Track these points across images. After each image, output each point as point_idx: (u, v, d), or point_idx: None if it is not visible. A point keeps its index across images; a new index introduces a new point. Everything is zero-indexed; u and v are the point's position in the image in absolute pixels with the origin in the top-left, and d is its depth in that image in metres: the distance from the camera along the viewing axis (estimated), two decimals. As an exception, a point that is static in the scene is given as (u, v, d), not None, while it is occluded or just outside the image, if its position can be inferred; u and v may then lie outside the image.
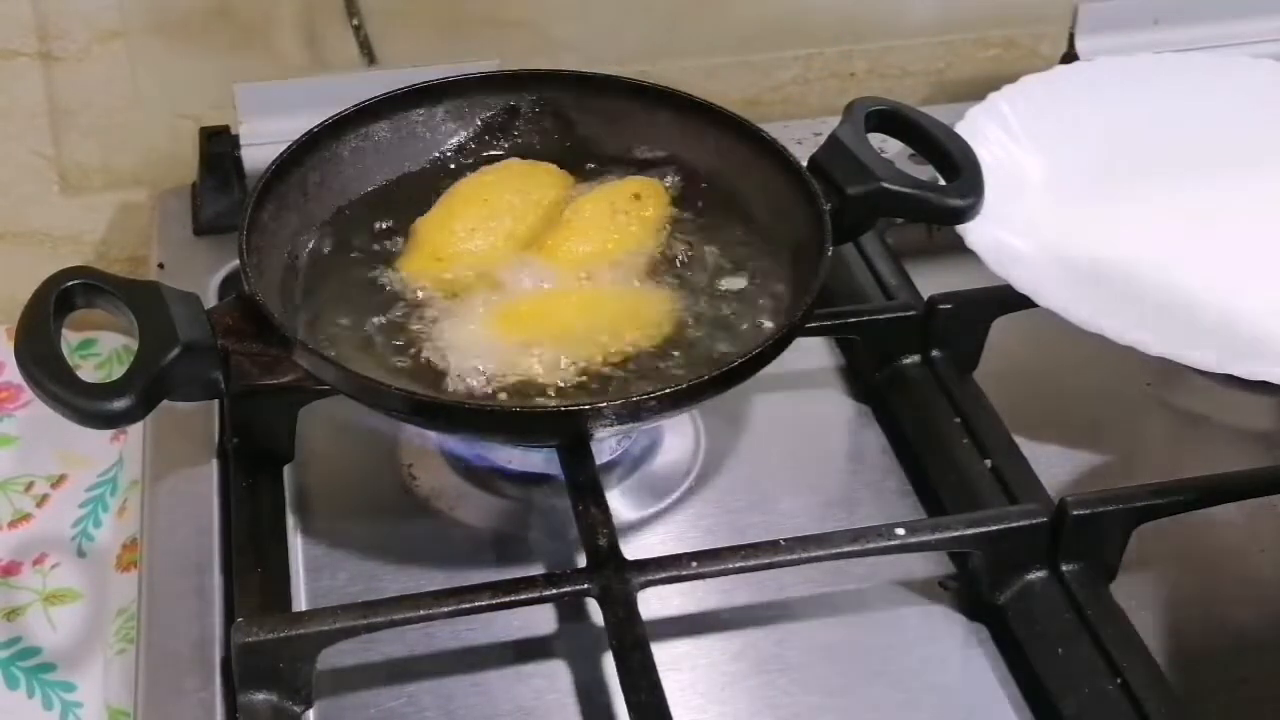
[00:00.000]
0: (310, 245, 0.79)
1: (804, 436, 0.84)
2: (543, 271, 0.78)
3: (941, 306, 0.83)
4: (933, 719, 0.70)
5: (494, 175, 0.83)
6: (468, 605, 0.67)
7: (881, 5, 1.08)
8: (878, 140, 0.82)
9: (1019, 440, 0.79)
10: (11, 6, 0.95)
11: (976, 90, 0.96)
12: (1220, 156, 0.95)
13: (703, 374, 0.70)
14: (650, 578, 0.68)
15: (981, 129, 0.91)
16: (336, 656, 0.67)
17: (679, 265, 0.79)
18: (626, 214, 0.80)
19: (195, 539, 0.74)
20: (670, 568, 0.69)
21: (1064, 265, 0.86)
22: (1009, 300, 0.82)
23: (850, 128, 0.81)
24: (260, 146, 0.92)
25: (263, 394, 0.73)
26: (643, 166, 0.84)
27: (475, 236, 0.79)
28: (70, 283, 0.70)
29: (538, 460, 0.78)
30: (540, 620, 0.72)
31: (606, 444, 0.78)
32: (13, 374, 0.75)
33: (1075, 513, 0.71)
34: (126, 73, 0.97)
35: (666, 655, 0.68)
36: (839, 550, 0.70)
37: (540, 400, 0.71)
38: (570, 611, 0.73)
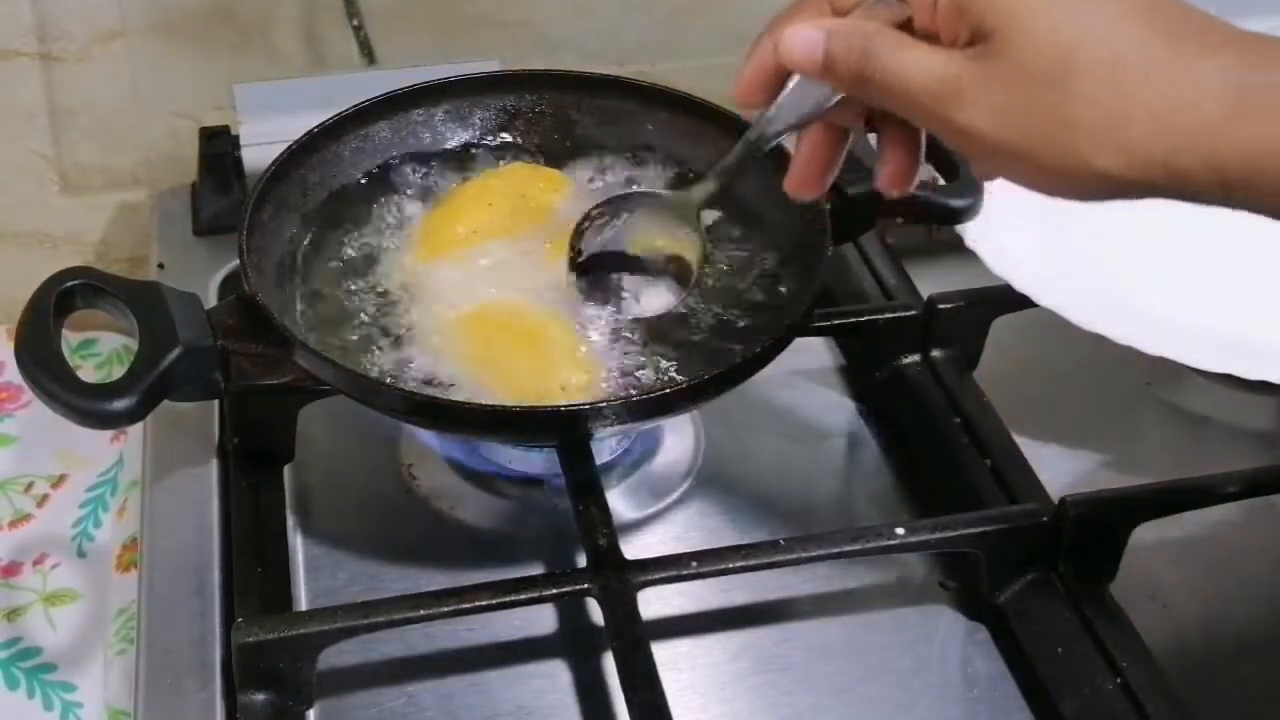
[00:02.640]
0: (310, 244, 0.79)
1: (804, 437, 0.84)
2: (542, 274, 0.78)
3: (941, 306, 0.83)
4: (932, 719, 0.70)
5: (497, 178, 0.83)
6: (468, 605, 0.67)
7: (881, 5, 1.07)
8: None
9: (1019, 440, 0.79)
10: (11, 6, 0.95)
11: (976, 90, 0.95)
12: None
13: (703, 374, 0.70)
14: (650, 578, 0.68)
15: (981, 129, 0.91)
16: (336, 656, 0.67)
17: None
18: None
19: (195, 539, 0.74)
20: (670, 568, 0.69)
21: (1064, 265, 0.86)
22: (1009, 300, 0.83)
23: (850, 128, 0.81)
24: (260, 146, 0.92)
25: (263, 394, 0.73)
26: (641, 166, 0.84)
27: (477, 238, 0.79)
28: (70, 283, 0.70)
29: (538, 460, 0.78)
30: (540, 620, 0.72)
31: (606, 444, 0.78)
32: (13, 374, 0.75)
33: (1075, 513, 0.71)
34: (126, 73, 0.97)
35: (666, 655, 0.68)
36: (839, 550, 0.70)
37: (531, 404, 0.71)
38: (570, 611, 0.73)
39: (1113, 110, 0.51)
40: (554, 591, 0.69)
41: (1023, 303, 0.82)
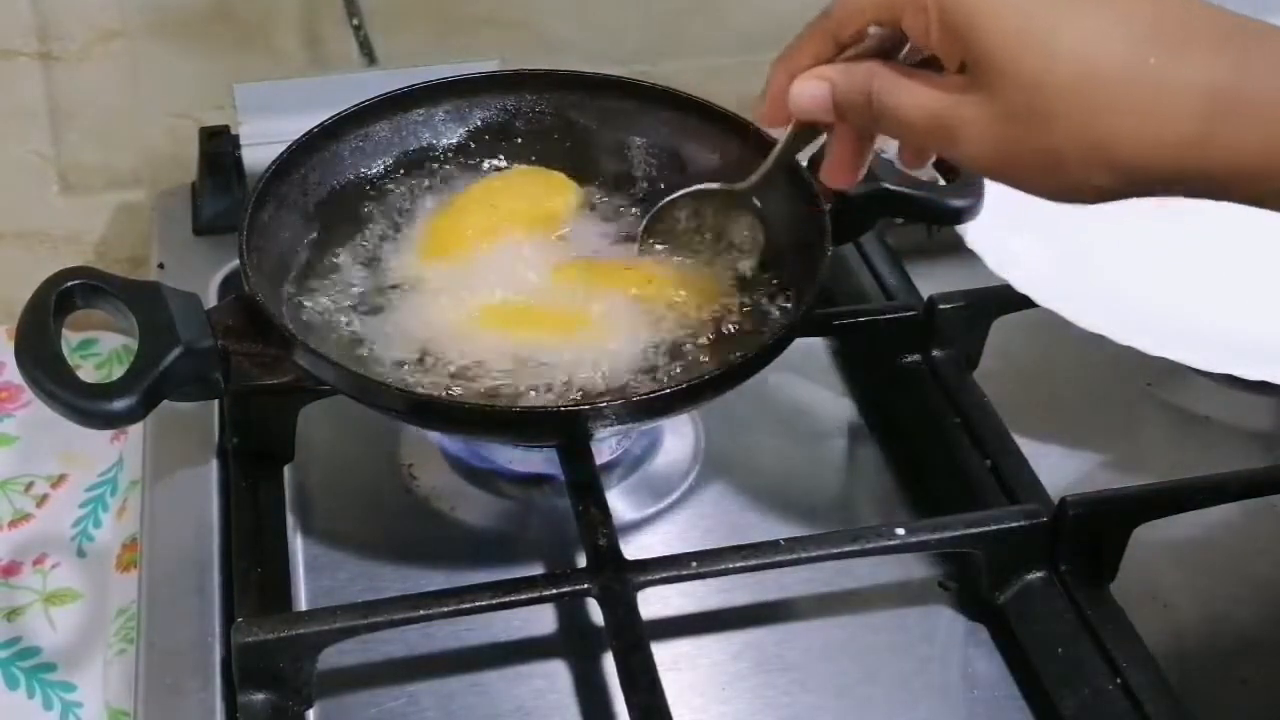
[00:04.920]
0: (311, 244, 0.79)
1: (804, 436, 0.84)
2: (542, 277, 0.78)
3: (941, 306, 0.83)
4: (933, 719, 0.70)
5: (503, 181, 0.83)
6: (468, 605, 0.67)
7: (882, 5, 1.07)
8: (877, 140, 0.82)
9: (1019, 440, 0.79)
10: (11, 6, 0.95)
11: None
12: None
13: (703, 374, 0.70)
14: (650, 578, 0.68)
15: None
16: (336, 656, 0.67)
17: (679, 264, 0.79)
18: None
19: (195, 539, 0.74)
20: (670, 568, 0.69)
21: (1064, 265, 0.86)
22: (1009, 300, 0.83)
23: (850, 128, 0.81)
24: (260, 146, 0.92)
25: (263, 394, 0.73)
26: (642, 166, 0.84)
27: (481, 239, 0.79)
28: (70, 283, 0.70)
29: (538, 460, 0.78)
30: (540, 620, 0.72)
31: (606, 444, 0.78)
32: (13, 374, 0.75)
33: (1075, 513, 0.71)
34: (126, 73, 0.98)
35: (666, 655, 0.68)
36: (839, 550, 0.70)
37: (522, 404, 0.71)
38: (570, 611, 0.73)
39: (1094, 135, 0.53)
40: (554, 591, 0.69)
41: (1023, 303, 0.82)
